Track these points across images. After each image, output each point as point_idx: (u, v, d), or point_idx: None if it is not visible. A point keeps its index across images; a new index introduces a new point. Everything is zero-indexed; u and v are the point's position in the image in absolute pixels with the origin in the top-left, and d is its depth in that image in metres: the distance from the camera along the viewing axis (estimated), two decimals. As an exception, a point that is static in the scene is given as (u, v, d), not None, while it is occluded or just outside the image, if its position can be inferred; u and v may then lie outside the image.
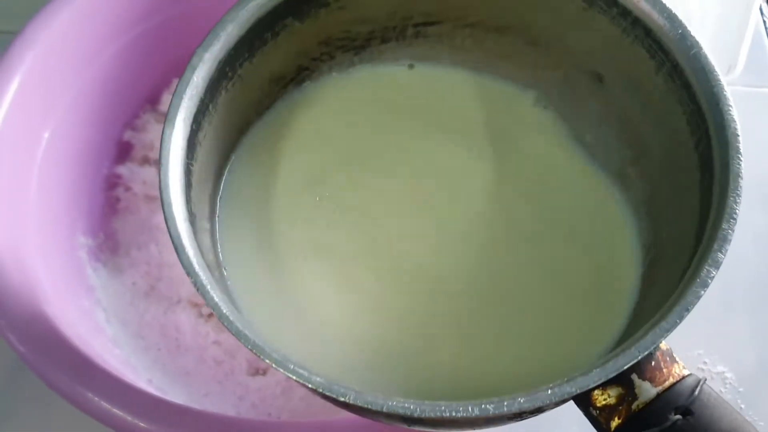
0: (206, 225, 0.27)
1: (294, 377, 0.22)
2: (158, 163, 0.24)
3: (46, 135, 0.37)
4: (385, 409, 0.21)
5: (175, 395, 0.37)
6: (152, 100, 0.45)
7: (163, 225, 0.42)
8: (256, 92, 0.30)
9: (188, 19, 0.44)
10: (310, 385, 0.22)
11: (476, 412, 0.20)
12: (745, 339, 0.45)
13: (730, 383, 0.43)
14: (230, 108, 0.28)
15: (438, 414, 0.21)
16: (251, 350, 0.22)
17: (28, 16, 0.38)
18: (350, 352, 0.27)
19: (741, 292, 0.46)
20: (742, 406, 0.43)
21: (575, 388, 0.21)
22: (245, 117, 0.30)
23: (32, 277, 0.32)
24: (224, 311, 0.23)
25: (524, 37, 0.31)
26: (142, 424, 0.28)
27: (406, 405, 0.21)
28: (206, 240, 0.26)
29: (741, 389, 0.43)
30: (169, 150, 0.24)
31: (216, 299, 0.23)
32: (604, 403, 0.22)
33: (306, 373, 0.22)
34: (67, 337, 0.30)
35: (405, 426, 0.24)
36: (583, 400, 0.22)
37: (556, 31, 0.30)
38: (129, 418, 0.28)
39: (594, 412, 0.22)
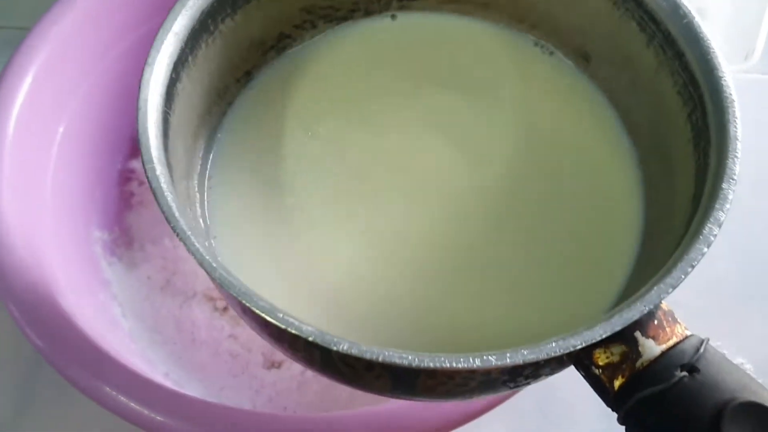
0: (183, 182, 0.26)
1: (283, 326, 0.20)
2: (136, 108, 0.23)
3: (61, 130, 0.37)
4: (381, 359, 0.20)
5: (192, 389, 0.38)
6: (165, 95, 0.45)
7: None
8: (236, 55, 0.29)
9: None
10: (301, 335, 0.20)
11: (477, 363, 0.19)
12: (763, 329, 0.45)
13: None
14: (210, 66, 0.27)
15: (438, 365, 0.19)
16: (238, 298, 0.20)
17: (40, 12, 0.38)
18: (351, 311, 0.26)
19: (759, 283, 0.46)
20: (761, 397, 0.42)
21: (580, 341, 0.20)
22: (224, 81, 0.29)
23: (49, 272, 0.32)
24: (207, 258, 0.21)
25: (510, 14, 0.31)
26: (160, 418, 0.28)
27: (404, 356, 0.19)
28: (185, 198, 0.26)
29: (760, 380, 0.43)
30: (148, 93, 0.24)
31: (197, 245, 0.21)
32: (607, 361, 0.21)
33: (296, 322, 0.20)
34: (84, 332, 0.30)
35: (404, 396, 0.24)
36: (585, 360, 0.21)
37: (544, 7, 0.30)
38: (146, 412, 0.28)
39: (596, 372, 0.21)
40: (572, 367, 0.23)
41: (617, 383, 0.21)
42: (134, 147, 0.45)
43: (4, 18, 0.55)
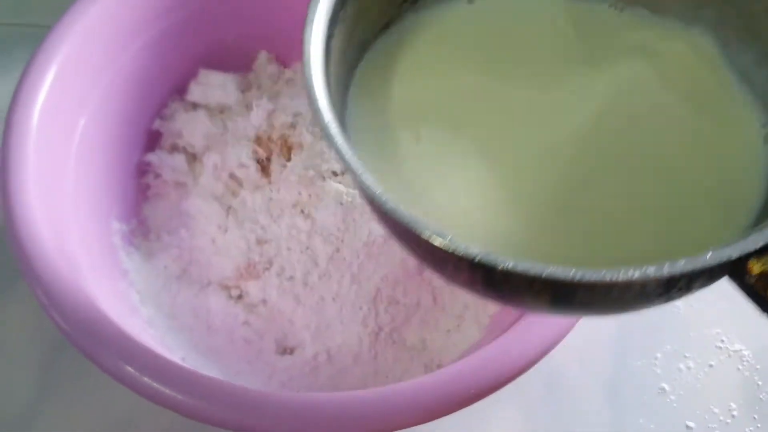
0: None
1: (451, 249, 0.21)
2: (303, 63, 0.25)
3: (82, 122, 0.39)
4: (545, 275, 0.21)
5: (208, 373, 0.39)
6: (180, 90, 0.47)
7: (192, 210, 0.43)
8: (376, 8, 0.30)
9: (217, 11, 0.45)
10: (468, 257, 0.21)
11: (637, 274, 0.20)
12: (762, 317, 0.46)
13: (747, 361, 0.44)
14: (355, 20, 0.28)
15: (599, 278, 0.21)
16: (404, 223, 0.22)
17: (62, 10, 0.40)
18: (487, 242, 0.26)
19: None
20: (759, 383, 0.43)
21: (736, 251, 0.21)
22: (365, 35, 0.30)
23: (73, 260, 0.34)
24: (378, 191, 0.23)
25: None
26: (182, 397, 0.29)
27: (567, 271, 0.21)
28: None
29: (758, 366, 0.44)
30: (310, 49, 0.25)
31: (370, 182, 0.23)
32: (761, 270, 0.22)
33: (463, 245, 0.21)
34: (107, 315, 0.31)
35: (561, 310, 0.25)
36: (739, 270, 0.22)
37: None
38: (169, 392, 0.29)
39: (750, 281, 0.22)
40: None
41: None
42: (150, 140, 0.46)
43: (26, 16, 0.56)
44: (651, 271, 0.21)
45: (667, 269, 0.21)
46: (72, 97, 0.38)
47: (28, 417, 0.41)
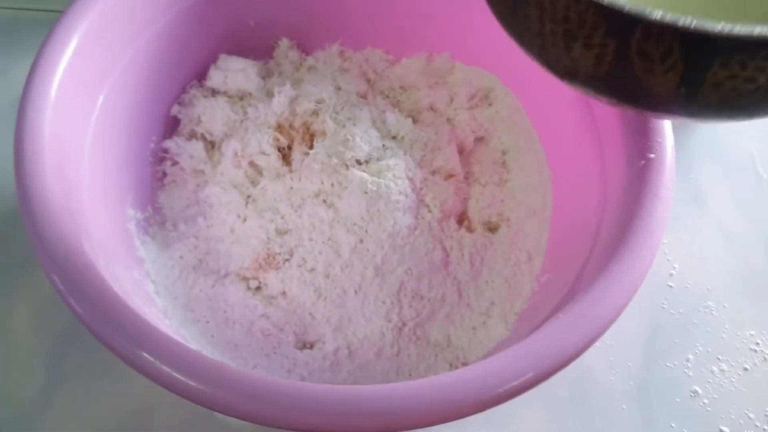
0: None
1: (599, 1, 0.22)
2: None
3: (101, 99, 0.37)
4: (694, 27, 0.21)
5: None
6: (199, 76, 0.45)
7: (211, 199, 0.42)
8: None
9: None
10: (615, 6, 0.22)
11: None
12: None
13: (784, 364, 0.43)
14: None
15: (748, 33, 0.21)
16: None
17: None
18: None
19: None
20: (796, 387, 0.42)
21: None
22: None
23: (88, 245, 0.32)
24: None
25: None
26: (202, 387, 0.27)
27: (714, 26, 0.21)
28: None
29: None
30: None
31: None
32: None
33: None
34: (124, 301, 0.30)
35: (685, 101, 0.24)
36: None
37: None
38: (189, 381, 0.28)
39: None
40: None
41: None
42: (168, 127, 0.45)
43: (43, 1, 0.56)
44: None
45: None
46: (91, 74, 0.37)
47: (38, 409, 0.40)
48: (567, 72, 0.27)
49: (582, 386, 0.42)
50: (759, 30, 0.20)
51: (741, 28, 0.20)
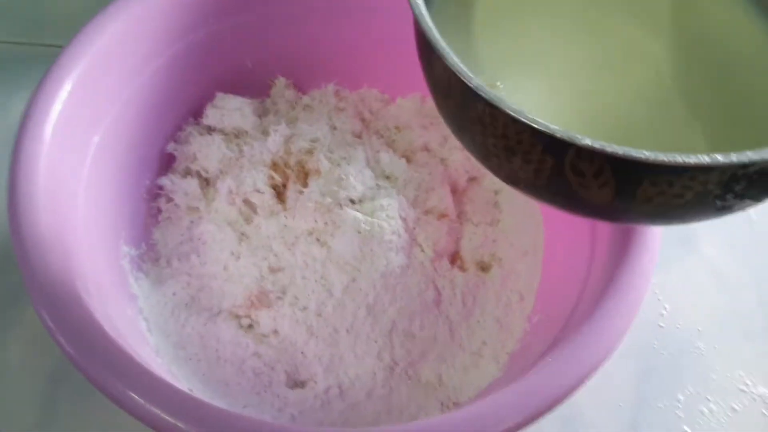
0: None
1: (531, 124, 0.24)
2: None
3: (96, 140, 0.38)
4: (622, 153, 0.23)
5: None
6: (195, 113, 0.46)
7: (205, 236, 0.42)
8: None
9: (234, 34, 0.44)
10: (548, 132, 0.23)
11: (706, 160, 0.22)
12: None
13: (773, 406, 0.43)
14: None
15: (671, 159, 0.22)
16: (491, 102, 0.24)
17: (75, 30, 0.39)
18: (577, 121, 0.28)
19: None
20: (786, 428, 0.42)
21: None
22: None
23: (81, 283, 0.32)
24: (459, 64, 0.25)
25: None
26: (193, 429, 0.27)
27: (640, 152, 0.23)
28: None
29: (784, 412, 0.42)
30: None
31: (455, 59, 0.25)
32: None
33: (543, 121, 0.23)
34: (116, 341, 0.30)
35: (618, 213, 0.26)
36: None
37: None
38: (179, 424, 0.28)
39: None
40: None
41: None
42: (163, 164, 0.45)
43: (42, 36, 0.56)
44: (719, 158, 0.22)
45: (735, 157, 0.22)
46: (86, 114, 0.37)
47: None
48: (509, 179, 0.29)
49: (573, 426, 0.42)
50: (681, 158, 0.22)
51: (664, 156, 0.22)
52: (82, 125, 0.37)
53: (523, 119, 0.24)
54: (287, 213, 0.42)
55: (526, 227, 0.43)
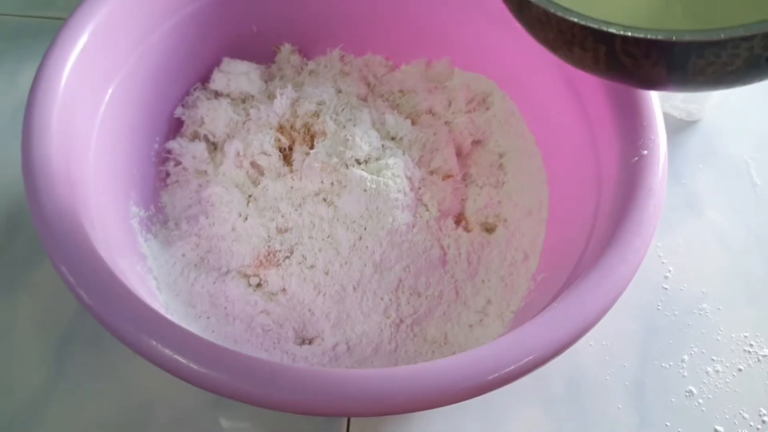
0: None
1: (584, 23, 0.27)
2: None
3: (108, 92, 0.38)
4: (675, 39, 0.25)
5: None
6: (203, 78, 0.46)
7: (213, 199, 0.43)
8: None
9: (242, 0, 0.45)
10: (602, 29, 0.26)
11: (740, 32, 0.24)
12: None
13: (777, 364, 0.43)
14: None
15: (711, 37, 0.24)
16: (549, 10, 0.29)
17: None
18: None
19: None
20: (790, 386, 0.42)
21: None
22: None
23: (94, 237, 0.33)
24: None
25: None
26: (214, 373, 0.28)
27: (683, 31, 0.25)
28: None
29: (788, 370, 0.43)
30: None
31: None
32: None
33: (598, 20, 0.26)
34: (132, 290, 0.30)
35: (677, 83, 0.28)
36: None
37: None
38: (198, 368, 0.28)
39: None
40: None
41: None
42: (171, 128, 0.45)
43: (51, 9, 0.57)
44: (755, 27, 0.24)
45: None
46: (98, 73, 0.38)
47: (40, 403, 0.40)
48: (578, 65, 0.32)
49: (578, 385, 0.42)
50: (717, 33, 0.24)
51: (696, 35, 0.24)
52: (92, 87, 0.38)
53: (568, 17, 0.27)
54: (294, 174, 0.43)
55: (531, 187, 0.44)
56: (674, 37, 0.25)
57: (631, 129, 0.36)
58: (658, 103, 0.37)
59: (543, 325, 0.30)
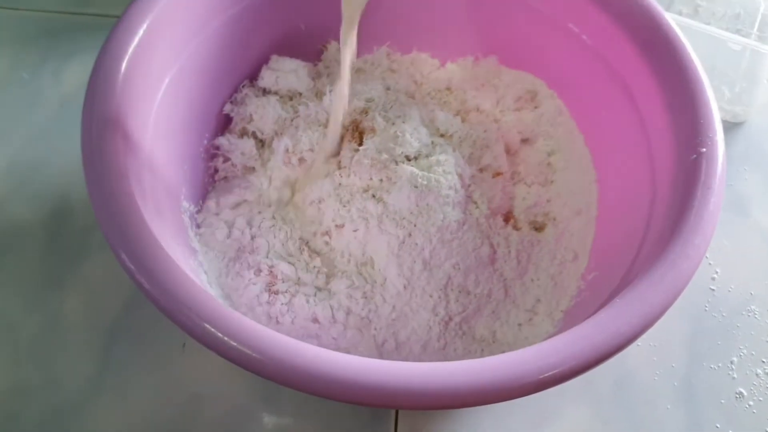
0: None
1: None
2: None
3: (160, 93, 0.38)
4: None
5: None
6: (251, 76, 0.47)
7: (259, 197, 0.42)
8: None
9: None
10: None
11: None
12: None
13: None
14: None
15: None
16: None
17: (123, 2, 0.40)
18: None
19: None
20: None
21: None
22: None
23: (154, 226, 0.33)
24: None
25: None
26: (273, 362, 0.28)
27: None
28: None
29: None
30: None
31: None
32: None
33: None
34: (192, 279, 0.30)
35: None
36: None
37: None
38: (258, 356, 0.28)
39: None
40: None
41: None
42: (220, 125, 0.46)
43: (90, 6, 0.57)
44: None
45: None
46: (156, 61, 0.38)
47: (88, 396, 0.41)
48: None
49: (626, 386, 0.42)
50: None
51: None
52: (152, 71, 0.38)
53: None
54: (342, 171, 0.43)
55: (580, 186, 0.44)
56: None
57: (688, 126, 0.36)
58: (714, 100, 0.36)
59: (606, 321, 0.30)
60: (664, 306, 0.31)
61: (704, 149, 0.34)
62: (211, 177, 0.45)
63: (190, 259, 0.39)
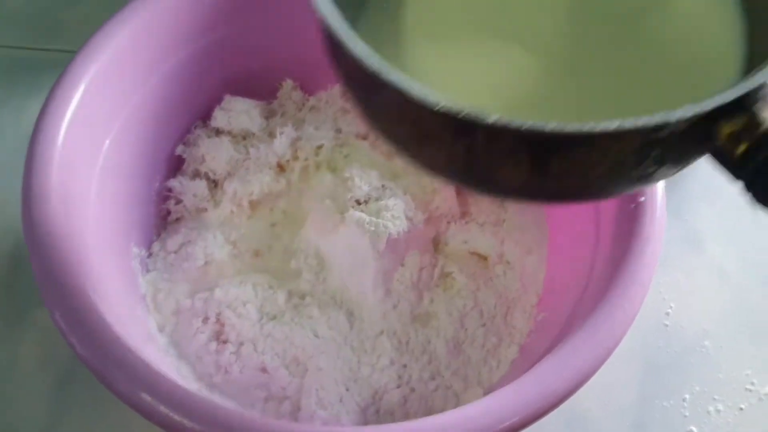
0: None
1: (437, 105, 0.21)
2: None
3: (107, 143, 0.38)
4: (524, 128, 0.21)
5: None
6: (204, 116, 0.47)
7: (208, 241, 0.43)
8: None
9: (242, 38, 0.45)
10: (453, 111, 0.21)
11: (614, 126, 0.21)
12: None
13: (779, 404, 0.43)
14: None
15: (577, 130, 0.21)
16: (395, 84, 0.22)
17: (88, 35, 0.40)
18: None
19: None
20: (792, 428, 0.42)
21: (707, 105, 0.21)
22: None
23: (92, 285, 0.33)
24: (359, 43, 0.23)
25: None
26: (200, 428, 0.28)
27: (547, 124, 0.21)
28: None
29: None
30: None
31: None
32: (729, 131, 0.22)
33: (450, 101, 0.21)
34: (126, 342, 0.30)
35: (533, 191, 0.25)
36: (709, 132, 0.22)
37: None
38: (186, 422, 0.28)
39: (719, 143, 0.22)
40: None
41: (740, 150, 0.22)
42: (172, 167, 0.46)
43: (56, 41, 0.57)
44: (627, 123, 0.21)
45: (643, 122, 0.21)
46: (98, 117, 0.38)
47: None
48: (428, 166, 0.27)
49: (577, 426, 0.42)
50: (588, 126, 0.21)
51: (571, 126, 0.21)
52: (94, 128, 0.38)
53: (425, 100, 0.22)
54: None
55: (531, 225, 0.44)
56: (542, 128, 0.21)
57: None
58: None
59: (539, 379, 0.30)
60: (597, 362, 0.31)
61: (643, 198, 0.35)
62: (164, 219, 0.45)
63: (137, 308, 0.39)
